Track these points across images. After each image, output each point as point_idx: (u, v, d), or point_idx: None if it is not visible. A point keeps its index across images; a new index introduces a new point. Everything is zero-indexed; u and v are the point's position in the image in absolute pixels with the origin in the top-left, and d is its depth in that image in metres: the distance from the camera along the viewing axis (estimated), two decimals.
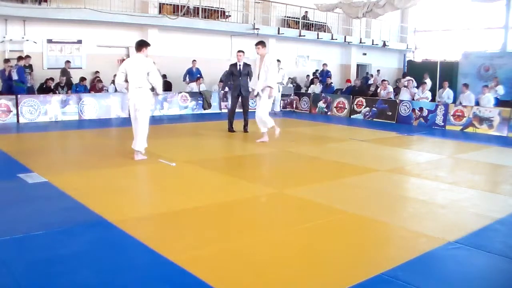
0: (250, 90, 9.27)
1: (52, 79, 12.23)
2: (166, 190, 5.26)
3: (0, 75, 11.42)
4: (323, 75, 16.91)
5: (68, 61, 13.05)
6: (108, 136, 9.73)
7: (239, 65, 9.72)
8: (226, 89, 12.12)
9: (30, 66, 12.22)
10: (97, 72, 13.41)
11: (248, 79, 9.61)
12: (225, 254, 3.51)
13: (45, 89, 12.02)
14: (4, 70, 11.32)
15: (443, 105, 12.36)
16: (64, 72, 12.87)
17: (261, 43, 8.42)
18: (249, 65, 9.87)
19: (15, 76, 11.25)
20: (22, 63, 11.46)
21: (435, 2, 20.78)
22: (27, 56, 12.06)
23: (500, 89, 13.95)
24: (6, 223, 4.02)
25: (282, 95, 14.63)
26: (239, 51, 9.87)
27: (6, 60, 11.40)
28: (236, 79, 9.71)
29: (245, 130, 9.89)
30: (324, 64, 17.53)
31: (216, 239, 3.82)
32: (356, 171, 6.48)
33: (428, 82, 14.08)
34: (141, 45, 6.68)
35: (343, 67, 20.43)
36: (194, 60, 14.83)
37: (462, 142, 9.98)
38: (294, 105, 15.70)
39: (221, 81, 15.16)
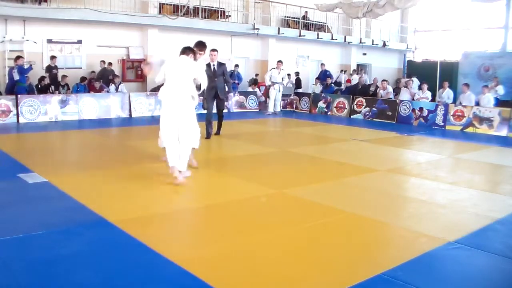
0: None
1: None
2: (166, 190, 5.26)
3: (9, 74, 11.50)
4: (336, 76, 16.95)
5: (103, 61, 13.44)
6: (108, 136, 9.72)
7: (213, 65, 8.78)
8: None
9: (55, 67, 12.57)
10: (93, 72, 13.40)
11: (224, 80, 8.93)
12: (225, 254, 3.51)
13: (43, 88, 12.02)
14: (12, 68, 11.41)
15: (443, 105, 12.36)
16: (105, 71, 13.30)
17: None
18: (223, 64, 9.12)
19: (16, 76, 11.27)
20: (20, 62, 11.48)
21: (435, 2, 20.78)
22: (53, 57, 12.41)
23: (500, 89, 13.94)
24: (6, 223, 4.02)
25: (282, 95, 14.63)
26: (212, 50, 8.78)
27: (17, 58, 11.47)
28: (212, 81, 8.44)
29: (218, 133, 9.30)
30: (343, 71, 17.66)
31: (216, 239, 3.82)
32: (356, 171, 6.48)
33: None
34: (187, 49, 5.71)
35: (343, 67, 20.40)
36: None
37: (462, 142, 9.98)
38: (294, 105, 15.70)
39: None
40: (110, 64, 13.57)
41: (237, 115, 10.20)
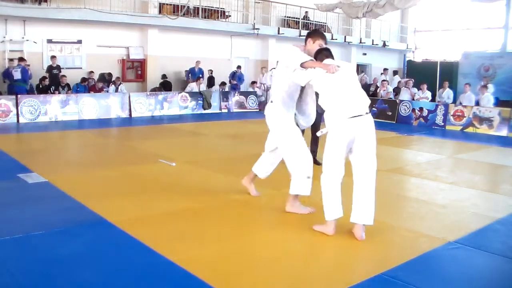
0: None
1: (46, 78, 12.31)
2: (166, 190, 5.26)
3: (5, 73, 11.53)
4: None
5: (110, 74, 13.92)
6: (108, 136, 9.72)
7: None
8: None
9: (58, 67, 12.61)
10: (91, 72, 13.40)
11: None
12: (225, 254, 3.51)
13: (43, 88, 12.03)
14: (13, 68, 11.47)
15: (443, 105, 12.36)
16: (103, 77, 13.55)
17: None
18: None
19: (17, 76, 11.28)
20: (23, 64, 11.49)
21: (435, 2, 20.78)
22: (53, 57, 12.52)
23: (490, 88, 13.88)
24: (6, 223, 4.02)
25: None
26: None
27: (21, 59, 11.55)
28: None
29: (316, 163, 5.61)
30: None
31: (216, 239, 3.82)
32: None
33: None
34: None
35: None
36: (198, 61, 14.88)
37: (462, 142, 9.98)
38: None
39: (224, 83, 15.12)
40: (110, 74, 13.72)
41: (237, 115, 10.23)
